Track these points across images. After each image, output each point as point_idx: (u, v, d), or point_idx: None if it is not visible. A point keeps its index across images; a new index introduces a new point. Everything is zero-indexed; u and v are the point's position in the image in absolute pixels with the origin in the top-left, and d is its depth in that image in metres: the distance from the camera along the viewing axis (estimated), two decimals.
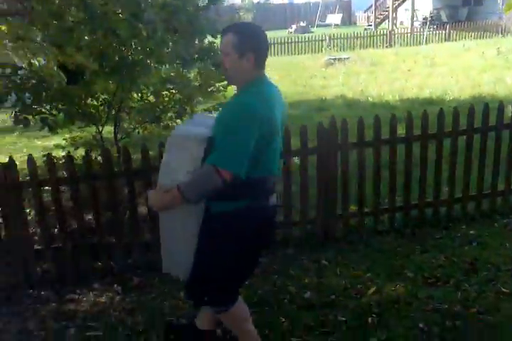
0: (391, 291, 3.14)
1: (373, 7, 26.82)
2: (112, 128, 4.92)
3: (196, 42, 4.71)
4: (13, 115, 4.47)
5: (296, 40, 18.24)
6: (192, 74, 5.00)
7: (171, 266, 2.39)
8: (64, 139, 5.57)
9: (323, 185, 3.93)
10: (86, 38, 4.18)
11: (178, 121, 4.96)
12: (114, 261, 3.71)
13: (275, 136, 2.16)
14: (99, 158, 4.23)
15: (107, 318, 3.07)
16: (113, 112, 4.84)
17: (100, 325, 2.99)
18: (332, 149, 3.87)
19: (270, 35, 15.00)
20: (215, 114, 2.35)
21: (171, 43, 4.28)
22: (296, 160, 4.06)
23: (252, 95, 2.11)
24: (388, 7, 25.30)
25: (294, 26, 27.40)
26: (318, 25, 29.84)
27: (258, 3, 32.99)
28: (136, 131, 5.10)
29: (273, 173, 2.25)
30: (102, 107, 4.79)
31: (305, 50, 17.80)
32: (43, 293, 3.44)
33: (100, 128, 4.87)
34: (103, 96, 4.75)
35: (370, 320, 2.83)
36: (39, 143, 7.41)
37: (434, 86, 9.41)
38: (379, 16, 26.53)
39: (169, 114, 4.96)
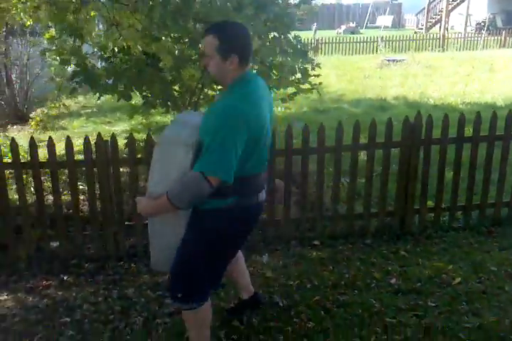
0: (476, 283, 3.21)
1: (425, 10, 26.48)
2: None
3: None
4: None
5: (348, 40, 18.21)
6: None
7: (158, 262, 2.39)
8: (141, 123, 5.84)
9: (404, 179, 4.02)
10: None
11: None
12: None
13: (263, 135, 2.13)
14: None
15: None
16: (193, 99, 5.03)
17: None
18: (416, 144, 3.95)
19: (320, 34, 15.00)
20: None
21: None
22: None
23: (237, 97, 2.06)
24: (441, 11, 24.95)
25: (343, 27, 27.30)
26: (367, 27, 29.65)
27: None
28: None
29: (262, 170, 2.24)
30: (185, 94, 4.97)
31: (357, 50, 17.76)
32: (133, 265, 3.64)
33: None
34: (188, 83, 4.92)
35: (460, 307, 2.92)
36: (106, 127, 7.68)
37: (496, 91, 9.31)
38: (430, 20, 26.18)
39: None
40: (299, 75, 4.83)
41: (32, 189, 4.16)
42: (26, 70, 9.05)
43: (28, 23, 5.91)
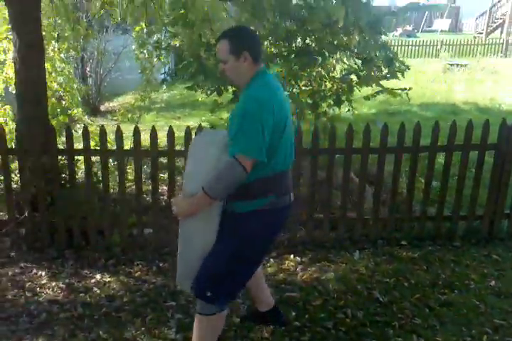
0: None
1: (487, 15, 25.77)
2: None
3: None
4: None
5: (407, 43, 17.96)
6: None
7: (184, 280, 2.36)
8: (207, 120, 5.97)
9: (495, 183, 3.97)
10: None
11: (335, 108, 5.15)
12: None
13: (287, 125, 2.17)
14: None
15: (299, 284, 3.31)
16: None
17: (294, 288, 3.24)
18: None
19: None
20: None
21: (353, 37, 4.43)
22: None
23: (260, 87, 2.14)
24: (503, 14, 24.23)
25: (399, 30, 26.89)
26: (423, 31, 29.12)
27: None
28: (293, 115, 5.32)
29: (289, 167, 2.27)
30: None
31: (417, 54, 17.49)
32: None
33: None
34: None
35: None
36: (177, 122, 7.87)
37: None
38: (491, 24, 25.47)
39: (328, 101, 5.15)
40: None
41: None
42: (100, 65, 9.39)
43: (115, 20, 6.17)
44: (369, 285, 3.27)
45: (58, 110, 5.75)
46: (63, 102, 6.13)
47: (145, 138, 4.00)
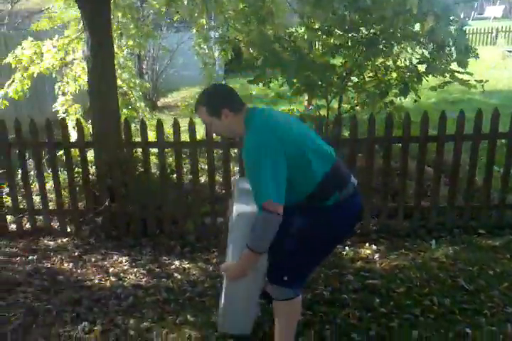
0: None
1: None
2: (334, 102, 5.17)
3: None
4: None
5: None
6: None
7: (230, 325, 2.53)
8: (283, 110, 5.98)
9: None
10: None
11: (401, 98, 5.05)
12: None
13: (306, 140, 2.21)
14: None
15: (379, 271, 3.28)
16: (341, 86, 5.06)
17: (374, 275, 3.21)
18: None
19: None
20: None
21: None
22: None
23: (253, 131, 2.17)
24: None
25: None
26: (475, 18, 28.14)
27: None
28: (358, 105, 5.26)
29: (334, 161, 2.26)
30: (336, 80, 5.00)
31: (472, 41, 16.94)
32: None
33: (330, 101, 5.11)
34: (339, 70, 4.96)
35: None
36: None
37: None
38: None
39: (394, 91, 5.06)
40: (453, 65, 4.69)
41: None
42: (156, 62, 9.58)
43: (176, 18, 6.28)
44: (451, 273, 3.20)
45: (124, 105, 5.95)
46: (127, 97, 6.32)
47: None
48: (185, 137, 3.88)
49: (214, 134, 2.32)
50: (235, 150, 4.52)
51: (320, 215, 2.22)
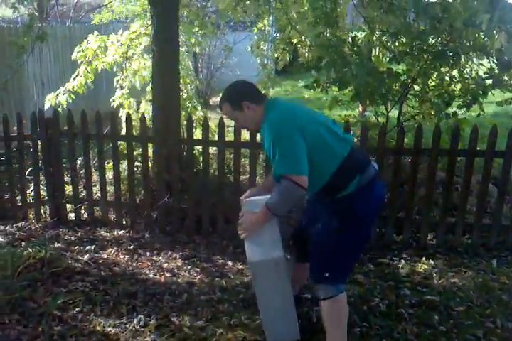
0: None
1: None
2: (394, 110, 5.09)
3: None
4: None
5: None
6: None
7: (275, 335, 2.56)
8: (340, 115, 5.93)
9: None
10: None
11: (464, 110, 4.92)
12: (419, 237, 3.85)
13: (324, 122, 2.36)
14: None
15: (436, 288, 3.20)
16: (403, 94, 4.97)
17: (432, 292, 3.13)
18: None
19: None
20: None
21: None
22: None
23: (273, 113, 2.31)
24: None
25: None
26: None
27: None
28: (420, 115, 5.15)
29: (352, 144, 2.37)
30: (398, 88, 4.92)
31: None
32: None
33: (389, 108, 5.03)
34: (402, 78, 4.88)
35: None
36: None
37: None
38: None
39: (457, 102, 4.94)
40: None
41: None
42: (211, 60, 9.66)
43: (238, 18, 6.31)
44: None
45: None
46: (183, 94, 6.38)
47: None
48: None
49: (238, 125, 2.51)
50: None
51: (347, 210, 2.29)
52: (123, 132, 4.38)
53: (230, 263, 3.56)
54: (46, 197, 4.24)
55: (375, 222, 2.63)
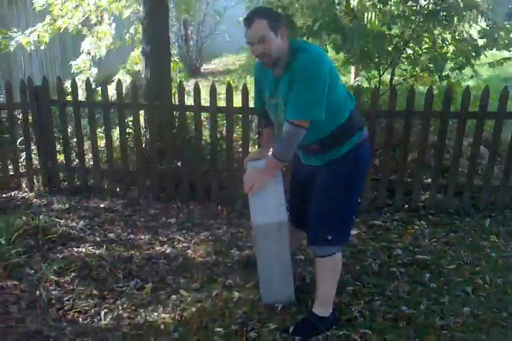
0: None
1: None
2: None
3: None
4: None
5: None
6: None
7: (272, 296, 2.61)
8: None
9: None
10: None
11: (457, 73, 4.88)
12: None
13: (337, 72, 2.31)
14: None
15: (428, 247, 3.25)
16: (396, 57, 4.91)
17: (423, 251, 3.19)
18: None
19: None
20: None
21: None
22: None
23: (314, 50, 2.20)
24: None
25: None
26: None
27: None
28: (411, 78, 5.11)
29: (355, 103, 2.41)
30: (392, 51, 4.86)
31: None
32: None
33: (381, 72, 4.98)
34: (395, 41, 4.81)
35: None
36: None
37: None
38: None
39: (450, 65, 4.90)
40: None
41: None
42: (202, 27, 9.49)
43: None
44: (504, 253, 3.16)
45: None
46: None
47: None
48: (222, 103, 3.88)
49: (258, 52, 2.21)
50: None
51: (351, 159, 2.33)
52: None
53: (224, 227, 3.59)
54: (39, 167, 4.23)
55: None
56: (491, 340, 2.33)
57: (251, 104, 3.92)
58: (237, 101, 3.84)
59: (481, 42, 4.65)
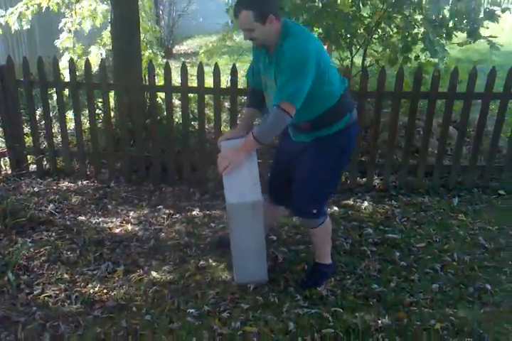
0: None
1: None
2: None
3: None
4: None
5: None
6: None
7: (245, 276, 2.62)
8: None
9: None
10: None
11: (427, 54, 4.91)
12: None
13: (327, 56, 2.35)
14: None
15: (398, 227, 3.31)
16: (366, 38, 4.91)
17: (394, 230, 3.24)
18: None
19: None
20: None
21: None
22: None
23: (301, 34, 2.25)
24: None
25: None
26: None
27: None
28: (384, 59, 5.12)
29: (347, 85, 2.46)
30: (363, 32, 4.85)
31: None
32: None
33: (353, 53, 4.98)
34: (367, 21, 4.80)
35: None
36: None
37: None
38: None
39: (420, 46, 4.92)
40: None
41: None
42: (173, 7, 9.29)
43: None
44: (471, 231, 3.23)
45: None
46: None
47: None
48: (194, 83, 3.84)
49: (249, 40, 2.29)
50: None
51: (340, 138, 2.41)
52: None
53: (196, 209, 3.57)
54: (5, 149, 4.12)
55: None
56: (458, 315, 2.39)
57: (222, 85, 3.90)
58: (209, 83, 3.80)
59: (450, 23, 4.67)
